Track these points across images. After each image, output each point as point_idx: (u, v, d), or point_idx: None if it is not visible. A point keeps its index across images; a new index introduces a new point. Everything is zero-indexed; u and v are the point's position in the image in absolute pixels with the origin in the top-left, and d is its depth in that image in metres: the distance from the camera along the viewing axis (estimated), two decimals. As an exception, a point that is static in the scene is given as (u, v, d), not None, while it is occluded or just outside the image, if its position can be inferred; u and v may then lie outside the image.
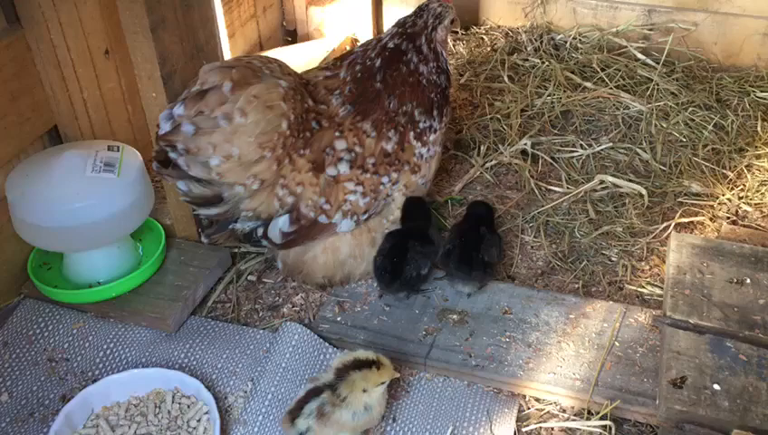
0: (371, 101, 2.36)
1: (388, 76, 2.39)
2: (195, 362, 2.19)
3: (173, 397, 2.05)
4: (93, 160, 2.26)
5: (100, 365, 2.19)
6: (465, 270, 2.31)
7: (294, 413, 1.91)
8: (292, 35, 3.88)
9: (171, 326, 2.26)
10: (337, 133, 2.29)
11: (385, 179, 2.36)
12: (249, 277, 2.52)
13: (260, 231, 2.28)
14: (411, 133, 2.41)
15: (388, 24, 3.65)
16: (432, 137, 2.47)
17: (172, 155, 2.08)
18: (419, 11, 2.49)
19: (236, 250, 2.58)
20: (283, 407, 2.01)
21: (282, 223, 2.25)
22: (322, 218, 2.28)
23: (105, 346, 2.23)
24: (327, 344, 2.20)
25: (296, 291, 2.46)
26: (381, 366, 1.90)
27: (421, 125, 2.43)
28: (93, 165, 2.25)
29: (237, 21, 3.41)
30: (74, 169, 2.23)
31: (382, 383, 1.90)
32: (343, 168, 2.28)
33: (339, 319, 2.29)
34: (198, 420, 1.99)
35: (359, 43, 3.80)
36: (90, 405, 2.02)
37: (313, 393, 1.92)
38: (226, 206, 2.21)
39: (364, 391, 1.87)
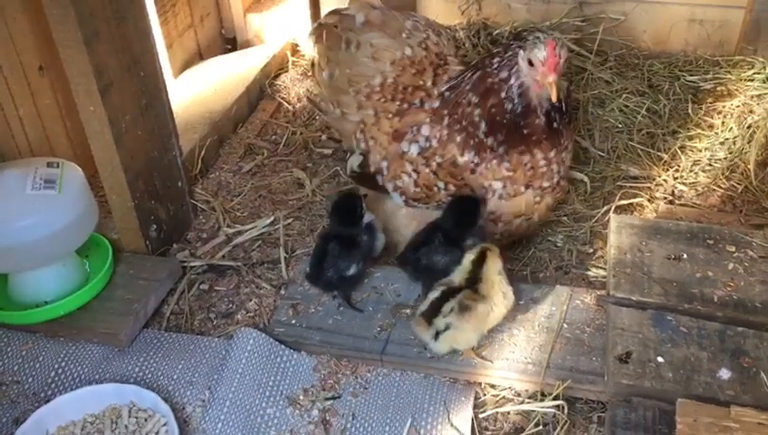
0: (457, 84, 2.36)
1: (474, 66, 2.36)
2: (150, 376, 2.17)
3: (129, 411, 2.03)
4: (33, 178, 2.22)
5: (53, 385, 2.15)
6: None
7: (431, 314, 2.07)
8: (231, 43, 3.86)
9: (124, 341, 2.24)
10: (428, 119, 2.37)
11: (441, 184, 2.38)
12: (201, 286, 2.51)
13: (348, 154, 2.64)
14: (471, 141, 2.28)
15: (327, 27, 3.69)
16: (492, 164, 2.26)
17: (315, 51, 2.66)
18: (528, 29, 2.46)
19: (186, 263, 2.57)
20: (241, 412, 2.01)
21: (354, 160, 2.56)
22: (379, 178, 2.49)
23: (57, 365, 2.20)
24: (283, 347, 2.21)
25: (249, 297, 2.46)
26: (491, 248, 2.13)
27: (481, 135, 2.26)
28: (33, 182, 2.21)
29: (174, 31, 3.39)
30: (14, 188, 2.19)
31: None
32: (414, 149, 2.39)
33: (293, 321, 2.30)
34: (157, 433, 1.98)
35: (299, 48, 3.83)
36: (44, 426, 1.99)
37: (450, 293, 2.08)
38: (329, 118, 2.69)
39: (499, 274, 2.09)
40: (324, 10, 3.68)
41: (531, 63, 2.14)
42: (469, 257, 2.14)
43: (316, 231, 2.71)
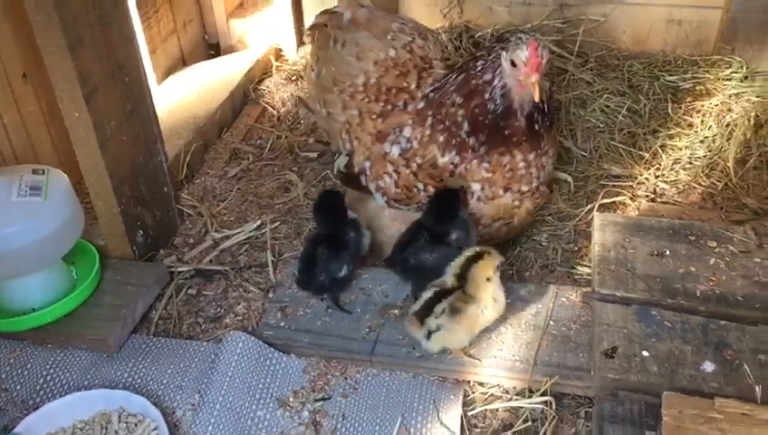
0: (440, 86, 2.39)
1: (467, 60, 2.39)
2: (139, 381, 2.17)
3: (119, 417, 2.02)
4: (18, 185, 2.21)
5: (41, 392, 2.14)
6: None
7: (423, 314, 2.10)
8: (215, 48, 3.87)
9: (112, 347, 2.23)
10: (410, 121, 2.40)
11: (420, 186, 2.40)
12: (189, 291, 2.51)
13: (336, 155, 2.65)
14: (453, 140, 2.30)
15: (311, 33, 3.71)
16: (473, 164, 2.29)
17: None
18: (510, 31, 2.41)
19: (173, 268, 2.57)
20: (232, 415, 2.02)
21: (341, 161, 2.59)
22: (362, 179, 2.51)
23: (45, 373, 2.19)
24: (272, 349, 2.21)
25: (237, 301, 2.47)
26: (490, 252, 2.12)
27: (463, 134, 2.29)
28: (19, 190, 2.20)
29: (158, 37, 3.39)
30: (-1, 196, 2.19)
31: (497, 268, 2.10)
32: (395, 150, 2.42)
33: (282, 324, 2.30)
34: (147, 437, 1.98)
35: (283, 53, 3.85)
36: (33, 433, 1.98)
37: (442, 294, 2.10)
38: (317, 117, 2.73)
39: (488, 280, 2.08)
40: (307, 15, 3.72)
41: (513, 64, 2.15)
42: (462, 257, 2.15)
43: (303, 234, 2.72)
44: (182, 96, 3.38)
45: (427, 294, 2.14)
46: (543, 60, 2.12)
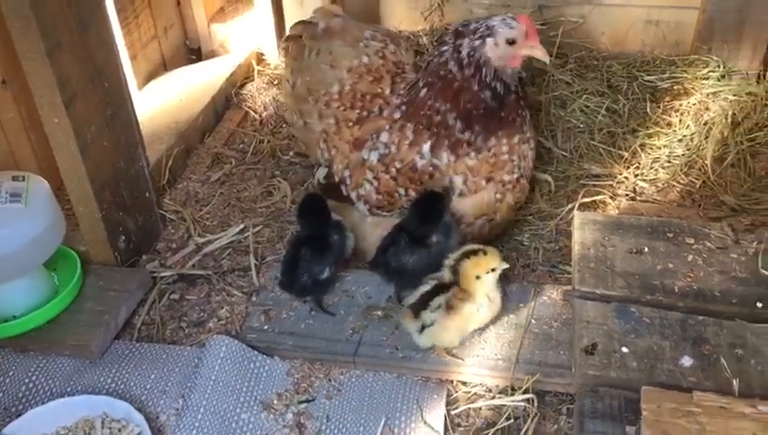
0: (413, 95, 2.39)
1: (426, 64, 2.40)
2: (123, 386, 2.17)
3: (102, 422, 2.02)
4: (-2, 192, 2.21)
5: (23, 400, 2.14)
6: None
7: (419, 307, 2.10)
8: (196, 53, 3.86)
9: (95, 353, 2.23)
10: (387, 126, 2.40)
11: (402, 191, 2.40)
12: (172, 296, 2.51)
13: (315, 167, 2.64)
14: (446, 141, 2.31)
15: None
16: (471, 157, 2.31)
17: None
18: (481, 18, 2.35)
19: (156, 273, 2.57)
20: (216, 419, 2.02)
21: (321, 172, 2.59)
22: (343, 188, 2.51)
23: (27, 380, 2.18)
24: (255, 353, 2.22)
25: (221, 305, 2.47)
26: (488, 253, 2.12)
27: (457, 133, 2.31)
28: (-1, 196, 2.19)
29: (138, 42, 3.38)
30: (-21, 203, 2.18)
31: (492, 270, 2.09)
32: (373, 157, 2.42)
33: (266, 327, 2.31)
34: (131, 443, 1.98)
35: (264, 57, 3.85)
36: (16, 440, 1.98)
37: (440, 289, 2.10)
38: (294, 130, 2.72)
39: (477, 277, 2.08)
40: (288, 19, 3.72)
41: (511, 42, 2.22)
42: (459, 251, 2.16)
43: (286, 238, 2.72)
44: (164, 101, 3.37)
45: (425, 287, 2.15)
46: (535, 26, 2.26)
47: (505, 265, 2.15)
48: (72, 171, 2.32)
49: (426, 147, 2.35)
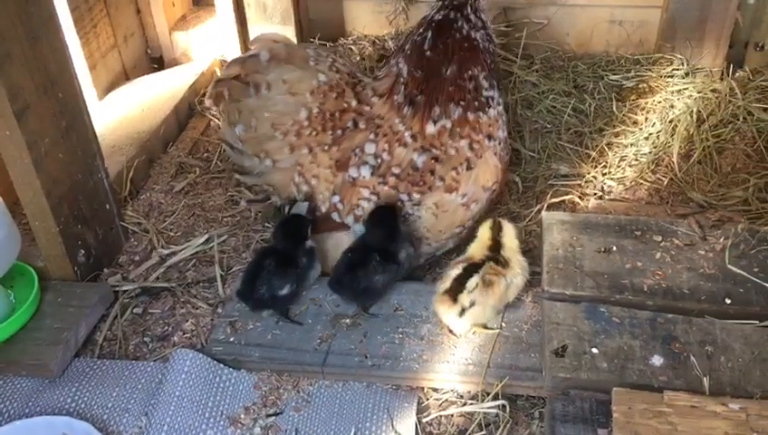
0: (433, 77, 2.34)
1: (440, 44, 2.34)
2: (84, 405, 2.10)
3: (62, 444, 1.96)
4: (-52, 209, 2.13)
5: (-21, 423, 2.06)
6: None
7: (455, 290, 2.07)
8: (158, 62, 3.80)
9: (54, 371, 2.16)
10: (371, 136, 2.33)
11: (405, 197, 2.33)
12: (135, 310, 2.45)
13: (287, 208, 2.43)
14: (477, 102, 2.34)
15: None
16: (495, 111, 2.38)
17: (220, 117, 2.45)
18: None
19: (118, 287, 2.50)
20: (180, 436, 1.96)
21: (301, 209, 2.40)
22: (335, 216, 2.38)
23: (-18, 403, 2.11)
24: (221, 366, 2.16)
25: (185, 317, 2.41)
26: (504, 221, 2.21)
27: (485, 93, 2.37)
28: (-52, 213, 2.12)
29: (97, 52, 3.31)
30: (-73, 220, 2.10)
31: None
32: (365, 172, 2.32)
33: (232, 339, 2.25)
34: (91, 463, 1.91)
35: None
36: (-30, 466, 1.90)
37: (472, 269, 2.09)
38: (254, 178, 2.45)
39: (515, 243, 2.17)
40: (251, 25, 3.68)
41: None
42: (485, 229, 2.19)
43: (252, 247, 2.67)
44: (125, 111, 3.30)
45: (455, 271, 2.13)
46: None
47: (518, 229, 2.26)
48: (27, 185, 2.25)
49: (457, 114, 2.33)
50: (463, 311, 2.09)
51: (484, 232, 2.22)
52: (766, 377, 1.91)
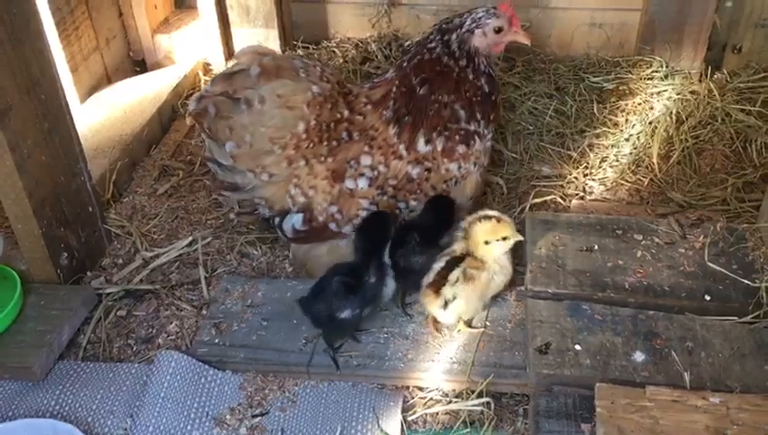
0: (413, 95, 2.39)
1: (416, 60, 2.41)
2: (68, 408, 2.09)
3: (45, 446, 1.94)
4: (-72, 211, 2.11)
5: (-39, 427, 2.04)
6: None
7: (438, 284, 2.08)
8: (141, 65, 3.79)
9: (37, 374, 2.14)
10: (366, 148, 2.35)
11: (402, 205, 2.38)
12: (118, 313, 2.44)
13: (277, 220, 2.42)
14: (457, 136, 2.39)
15: (238, 46, 3.66)
16: (479, 144, 2.42)
17: (203, 135, 2.35)
18: (463, 12, 2.43)
19: (101, 290, 2.49)
20: (165, 437, 1.96)
21: (295, 220, 2.38)
22: (333, 226, 2.38)
23: (-35, 406, 2.09)
24: (206, 367, 2.16)
25: (170, 319, 2.41)
26: (501, 221, 2.13)
27: (465, 125, 2.39)
28: (-71, 216, 2.10)
29: (79, 54, 3.30)
30: None
31: (504, 239, 2.10)
32: (363, 184, 2.34)
33: (216, 340, 2.25)
34: (76, 466, 1.90)
35: (211, 68, 3.79)
36: (-48, 471, 1.89)
37: (454, 263, 2.09)
38: (245, 193, 2.40)
39: (486, 243, 2.10)
40: (234, 27, 3.68)
41: (498, 31, 2.37)
42: (473, 216, 2.18)
43: (236, 249, 2.67)
44: (107, 114, 3.29)
45: (439, 265, 2.14)
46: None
47: (519, 238, 2.16)
48: (9, 187, 2.23)
49: (440, 147, 2.38)
50: (446, 303, 2.11)
51: (467, 221, 2.22)
52: (746, 372, 1.94)
